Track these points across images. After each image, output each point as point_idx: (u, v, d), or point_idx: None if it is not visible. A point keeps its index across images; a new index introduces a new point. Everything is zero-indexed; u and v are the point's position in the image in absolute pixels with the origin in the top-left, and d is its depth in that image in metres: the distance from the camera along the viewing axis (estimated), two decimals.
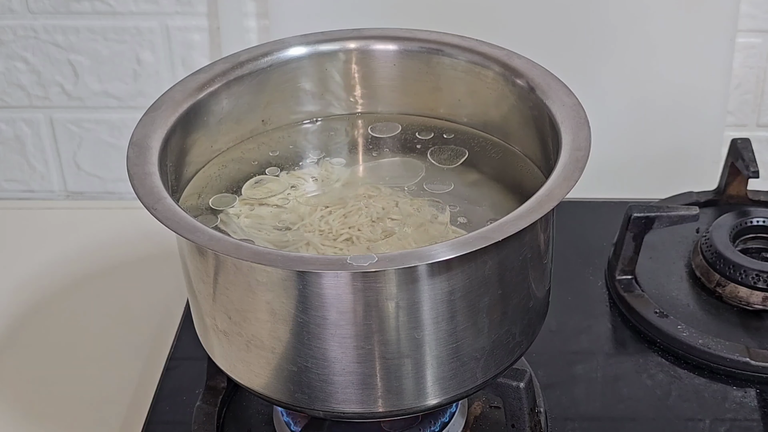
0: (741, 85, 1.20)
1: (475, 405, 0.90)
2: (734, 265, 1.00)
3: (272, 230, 0.82)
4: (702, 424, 0.91)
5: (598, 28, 1.14)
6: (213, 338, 0.80)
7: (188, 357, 0.97)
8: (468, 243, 0.69)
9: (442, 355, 0.75)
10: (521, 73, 0.85)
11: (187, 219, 0.72)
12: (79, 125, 1.26)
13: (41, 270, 1.14)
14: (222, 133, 0.88)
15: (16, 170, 1.30)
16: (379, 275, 0.70)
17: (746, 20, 1.16)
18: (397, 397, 0.76)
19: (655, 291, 1.03)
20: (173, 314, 1.05)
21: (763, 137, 1.23)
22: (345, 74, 0.91)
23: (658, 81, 1.16)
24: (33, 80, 1.24)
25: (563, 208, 0.78)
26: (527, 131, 0.86)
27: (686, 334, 0.96)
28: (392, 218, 0.82)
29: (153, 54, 1.21)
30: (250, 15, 1.18)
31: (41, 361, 1.03)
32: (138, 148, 0.78)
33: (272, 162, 0.89)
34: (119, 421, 0.96)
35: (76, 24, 1.20)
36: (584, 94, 0.83)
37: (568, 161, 0.75)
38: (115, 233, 1.19)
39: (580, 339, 0.99)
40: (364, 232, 0.81)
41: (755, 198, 1.12)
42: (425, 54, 0.90)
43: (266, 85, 0.89)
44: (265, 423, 0.90)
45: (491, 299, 0.75)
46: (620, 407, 0.92)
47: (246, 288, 0.73)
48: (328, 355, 0.74)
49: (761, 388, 0.93)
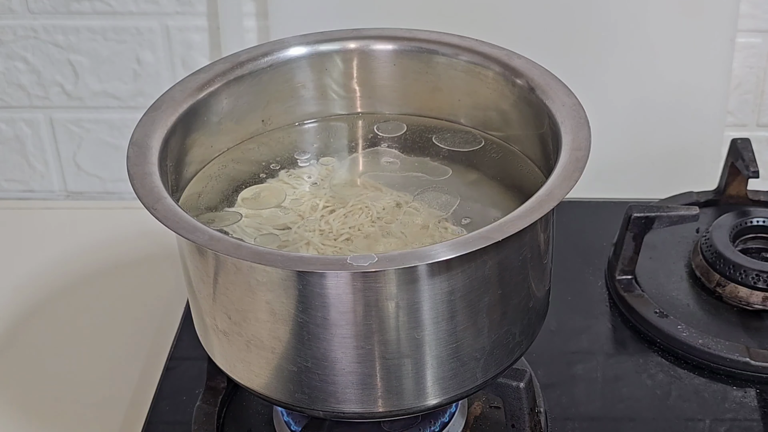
0: (741, 85, 1.20)
1: (475, 405, 0.90)
2: (734, 265, 1.00)
3: (272, 230, 0.82)
4: (702, 424, 0.91)
5: (599, 29, 1.14)
6: (213, 338, 0.80)
7: (188, 357, 0.97)
8: (468, 243, 0.69)
9: (442, 355, 0.75)
10: (521, 73, 0.85)
11: (187, 219, 0.72)
12: (79, 125, 1.26)
13: (41, 270, 1.14)
14: (222, 133, 0.88)
15: (16, 170, 1.30)
16: (379, 275, 0.70)
17: (746, 20, 1.16)
18: (397, 397, 0.76)
19: (655, 291, 1.03)
20: (173, 314, 1.05)
21: (763, 137, 1.23)
22: (345, 74, 0.91)
23: (658, 81, 1.16)
24: (33, 80, 1.24)
25: (563, 208, 0.78)
26: (527, 131, 0.86)
27: (686, 334, 0.96)
28: (392, 218, 0.82)
29: (153, 54, 1.21)
30: (250, 15, 1.18)
31: (41, 361, 1.03)
32: (138, 148, 0.78)
33: (272, 162, 0.89)
34: (119, 421, 0.96)
35: (76, 24, 1.20)
36: (584, 94, 0.83)
37: (568, 161, 0.75)
38: (115, 233, 1.19)
39: (580, 339, 0.99)
40: (364, 233, 0.81)
41: (755, 198, 1.12)
42: (425, 54, 0.90)
43: (266, 85, 0.89)
44: (265, 423, 0.91)
45: (491, 299, 0.75)
46: (620, 407, 0.92)
47: (246, 288, 0.73)
48: (328, 355, 0.74)
49: (761, 388, 0.93)
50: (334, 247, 0.79)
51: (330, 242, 0.80)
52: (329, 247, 0.80)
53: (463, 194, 0.85)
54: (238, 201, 0.85)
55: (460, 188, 0.85)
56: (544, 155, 0.84)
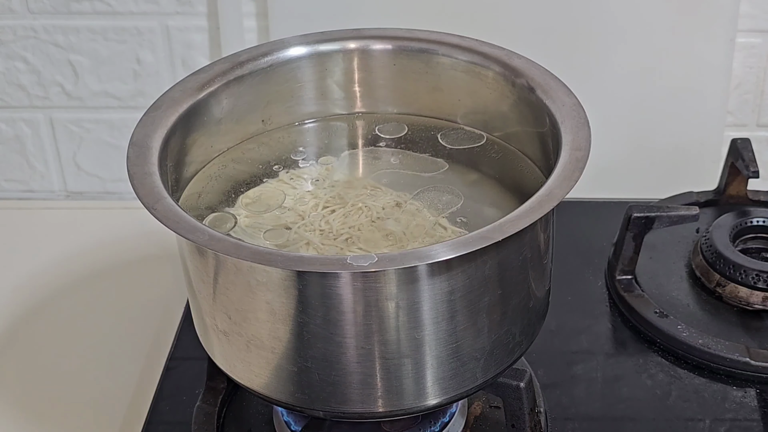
0: (741, 85, 1.20)
1: (475, 405, 0.90)
2: (734, 265, 1.00)
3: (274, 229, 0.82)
4: (702, 424, 0.91)
5: (598, 28, 1.14)
6: (213, 338, 0.80)
7: (188, 357, 0.97)
8: (468, 243, 0.69)
9: (442, 355, 0.75)
10: (521, 73, 0.85)
11: (187, 219, 0.72)
12: (79, 125, 1.26)
13: (41, 270, 1.14)
14: (222, 133, 0.88)
15: (16, 170, 1.30)
16: (379, 275, 0.70)
17: (746, 20, 1.16)
18: (397, 397, 0.76)
19: (655, 291, 1.03)
20: (173, 314, 1.05)
21: (763, 137, 1.23)
22: (345, 74, 0.91)
23: (658, 81, 1.16)
24: (33, 80, 1.24)
25: (563, 208, 0.78)
26: (527, 131, 0.86)
27: (686, 334, 0.96)
28: (393, 218, 0.82)
29: (153, 54, 1.21)
30: (250, 15, 1.18)
31: (41, 361, 1.03)
32: (138, 148, 0.78)
33: (272, 162, 0.89)
34: (119, 421, 0.96)
35: (76, 24, 1.20)
36: (584, 94, 0.83)
37: (568, 161, 0.75)
38: (115, 233, 1.19)
39: (580, 339, 0.99)
40: (364, 232, 0.81)
41: (755, 198, 1.12)
42: (425, 54, 0.90)
43: (266, 85, 0.89)
44: (265, 423, 0.90)
45: (491, 299, 0.75)
46: (620, 407, 0.92)
47: (246, 288, 0.73)
48: (328, 355, 0.74)
49: (761, 388, 0.93)
50: (334, 247, 0.79)
51: (330, 242, 0.80)
52: (329, 247, 0.80)
53: (464, 194, 0.85)
54: (238, 203, 0.85)
55: (460, 188, 0.85)
56: (544, 155, 0.84)
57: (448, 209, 0.83)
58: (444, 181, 0.86)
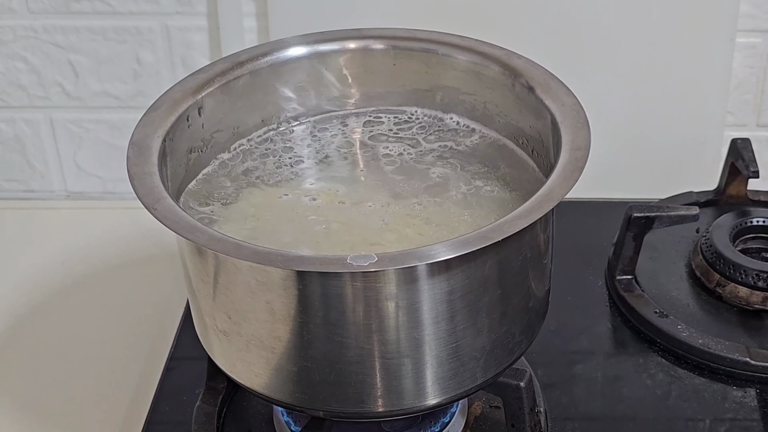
0: (741, 85, 1.20)
1: (475, 405, 0.90)
2: (734, 265, 1.00)
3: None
4: (702, 424, 0.91)
5: (598, 28, 1.14)
6: (213, 338, 0.80)
7: (188, 357, 0.97)
8: (468, 243, 0.69)
9: (442, 355, 0.75)
10: (521, 73, 0.85)
11: (187, 219, 0.72)
12: (79, 125, 1.26)
13: (41, 270, 1.14)
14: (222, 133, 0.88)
15: (16, 170, 1.30)
16: (379, 275, 0.70)
17: (746, 20, 1.16)
18: (397, 397, 0.76)
19: (655, 291, 1.03)
20: (173, 314, 1.05)
21: (763, 137, 1.23)
22: (345, 74, 0.91)
23: (658, 81, 1.16)
24: (33, 80, 1.24)
25: (563, 208, 0.78)
26: (527, 131, 0.86)
27: (686, 334, 0.96)
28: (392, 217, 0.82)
29: (153, 54, 1.21)
30: (250, 15, 1.18)
31: (41, 361, 1.03)
32: (138, 148, 0.78)
33: (272, 162, 0.89)
34: (119, 421, 0.96)
35: (76, 24, 1.20)
36: (584, 94, 0.83)
37: (568, 161, 0.75)
38: (115, 233, 1.19)
39: (580, 339, 0.99)
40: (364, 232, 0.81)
41: (755, 198, 1.12)
42: (425, 54, 0.90)
43: (266, 85, 0.89)
44: (265, 423, 0.91)
45: (491, 299, 0.75)
46: (620, 407, 0.92)
47: (246, 288, 0.73)
48: (328, 355, 0.74)
49: (761, 388, 0.93)
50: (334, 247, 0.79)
51: (330, 242, 0.80)
52: (329, 247, 0.79)
53: (463, 193, 0.84)
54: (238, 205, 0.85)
55: (460, 187, 0.85)
56: (543, 155, 0.84)
57: (448, 209, 0.83)
58: (444, 180, 0.86)
